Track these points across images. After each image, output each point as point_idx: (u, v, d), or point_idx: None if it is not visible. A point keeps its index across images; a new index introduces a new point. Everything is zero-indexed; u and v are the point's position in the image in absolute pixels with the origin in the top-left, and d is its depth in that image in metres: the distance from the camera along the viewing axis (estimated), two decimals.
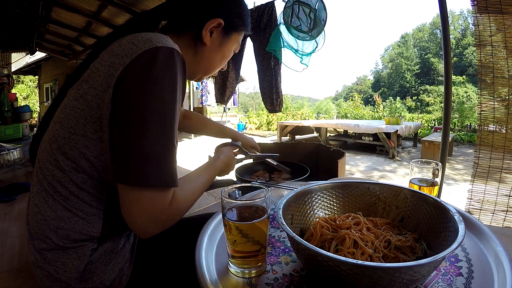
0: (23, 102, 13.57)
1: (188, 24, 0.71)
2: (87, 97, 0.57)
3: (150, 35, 0.59)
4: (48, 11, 4.18)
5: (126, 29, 0.67)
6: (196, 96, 9.41)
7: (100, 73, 0.57)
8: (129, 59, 0.55)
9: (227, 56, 0.78)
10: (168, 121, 0.54)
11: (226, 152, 0.85)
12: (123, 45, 0.58)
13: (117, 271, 0.65)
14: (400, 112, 11.24)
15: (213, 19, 0.70)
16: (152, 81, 0.54)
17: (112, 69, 0.56)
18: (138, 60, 0.55)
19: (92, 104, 0.57)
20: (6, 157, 2.07)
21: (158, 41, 0.57)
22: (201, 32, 0.70)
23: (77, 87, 0.60)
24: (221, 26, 0.72)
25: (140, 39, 0.58)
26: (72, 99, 0.59)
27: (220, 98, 3.15)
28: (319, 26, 2.21)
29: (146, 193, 0.52)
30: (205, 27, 0.70)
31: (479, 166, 1.94)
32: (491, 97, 1.87)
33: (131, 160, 0.52)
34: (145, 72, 0.54)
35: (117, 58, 0.56)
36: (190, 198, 0.62)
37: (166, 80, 0.55)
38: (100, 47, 0.64)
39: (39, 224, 0.60)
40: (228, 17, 0.72)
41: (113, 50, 0.58)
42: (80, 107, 0.58)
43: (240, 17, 0.75)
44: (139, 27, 0.69)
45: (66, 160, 0.58)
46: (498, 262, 0.55)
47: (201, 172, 0.71)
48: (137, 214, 0.52)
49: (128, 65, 0.55)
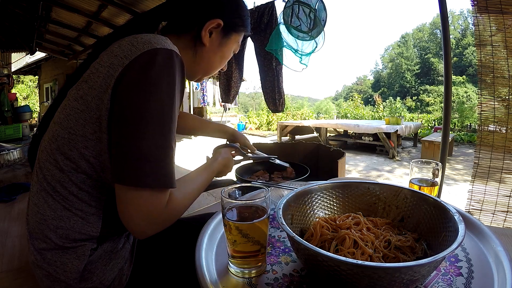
0: (23, 102, 13.57)
1: (188, 24, 0.71)
2: (86, 98, 0.57)
3: (150, 37, 0.59)
4: (48, 11, 4.18)
5: (126, 30, 0.68)
6: (196, 96, 9.42)
7: (100, 73, 0.57)
8: (128, 60, 0.55)
9: (227, 56, 0.78)
10: (166, 122, 0.55)
11: (224, 154, 0.85)
12: (122, 46, 0.58)
13: (117, 271, 0.65)
14: (400, 112, 11.26)
15: (212, 19, 0.70)
16: (150, 82, 0.54)
17: (111, 70, 0.56)
18: (137, 61, 0.55)
19: (92, 105, 0.57)
20: (6, 157, 2.07)
21: (157, 42, 0.57)
22: (200, 33, 0.71)
23: (77, 88, 0.60)
24: (220, 27, 0.72)
25: (140, 40, 0.58)
26: (72, 100, 0.60)
27: (225, 98, 3.15)
28: (319, 26, 2.21)
29: (143, 193, 0.52)
30: (204, 27, 0.70)
31: (479, 166, 1.94)
32: (491, 97, 1.87)
33: (129, 160, 0.52)
34: (143, 73, 0.54)
35: (117, 59, 0.56)
36: (187, 200, 0.62)
37: (165, 82, 0.55)
38: (100, 48, 0.64)
39: (39, 224, 0.60)
40: (228, 18, 0.72)
41: (113, 51, 0.59)
42: (79, 107, 0.58)
43: (239, 18, 0.75)
44: (139, 28, 0.69)
45: (66, 160, 0.58)
46: (498, 262, 0.55)
47: (198, 174, 0.71)
48: (134, 214, 0.52)
49: (127, 66, 0.55)
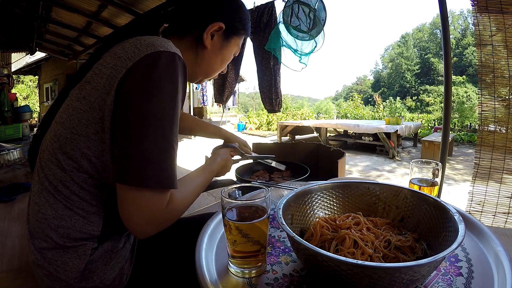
0: (23, 102, 13.57)
1: (190, 27, 0.72)
2: (89, 99, 0.58)
3: (153, 39, 0.60)
4: (48, 11, 4.18)
5: (128, 31, 0.68)
6: (196, 96, 9.43)
7: (103, 75, 0.58)
8: (132, 62, 0.56)
9: (227, 59, 0.80)
10: (168, 124, 0.55)
11: (223, 154, 0.85)
12: (126, 48, 0.59)
13: (118, 270, 0.65)
14: (400, 112, 11.26)
15: (214, 22, 0.71)
16: (153, 84, 0.54)
17: (114, 72, 0.57)
18: (140, 64, 0.56)
19: (95, 106, 0.57)
20: (6, 157, 2.07)
21: (161, 45, 0.58)
22: (202, 35, 0.71)
23: (80, 88, 0.61)
24: (222, 30, 0.73)
25: (143, 43, 0.59)
26: (74, 100, 0.60)
27: (219, 98, 3.15)
28: (318, 26, 2.21)
29: (145, 193, 0.53)
30: (206, 30, 0.71)
31: (480, 167, 1.94)
32: (491, 97, 1.87)
33: (131, 161, 0.52)
34: (146, 75, 0.55)
35: (120, 61, 0.57)
36: (187, 200, 0.63)
37: (167, 84, 0.55)
38: (102, 48, 0.65)
39: (40, 223, 0.60)
40: (229, 21, 0.73)
41: (116, 52, 0.59)
42: (82, 108, 0.58)
43: (240, 21, 0.76)
44: (141, 29, 0.69)
45: (68, 160, 0.59)
46: (498, 262, 0.55)
47: (198, 174, 0.71)
48: (135, 214, 0.53)
49: (130, 68, 0.56)
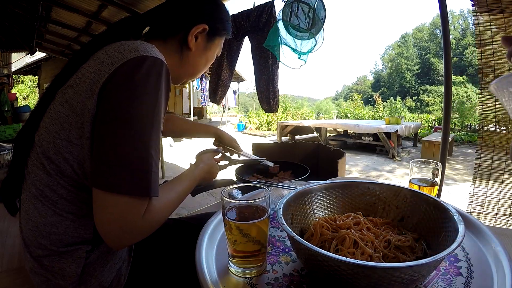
0: (23, 102, 13.55)
1: (174, 30, 0.73)
2: (72, 103, 0.57)
3: (137, 44, 0.59)
4: (48, 11, 4.18)
5: (110, 35, 0.67)
6: (196, 96, 9.41)
7: (86, 79, 0.57)
8: (114, 66, 0.56)
9: (211, 60, 0.80)
10: (148, 129, 0.54)
11: (206, 160, 0.81)
12: (109, 53, 0.58)
13: (115, 271, 0.65)
14: (400, 112, 11.27)
15: (198, 24, 0.72)
16: (135, 89, 0.54)
17: (97, 76, 0.56)
18: (122, 68, 0.55)
19: (77, 110, 0.57)
20: (6, 157, 2.07)
21: (144, 50, 0.58)
22: (187, 38, 0.72)
23: (63, 92, 0.60)
24: (205, 31, 0.73)
25: (127, 47, 0.58)
26: (57, 104, 0.59)
27: (212, 98, 3.13)
28: (317, 25, 2.20)
29: (120, 200, 0.51)
30: (191, 32, 0.72)
31: (481, 167, 1.93)
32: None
33: (107, 165, 0.51)
34: (128, 80, 0.54)
35: (103, 66, 0.57)
36: (166, 210, 0.60)
37: (149, 89, 0.55)
38: (86, 51, 0.63)
39: (32, 232, 0.60)
40: (212, 23, 0.74)
41: (99, 57, 0.59)
42: (65, 112, 0.58)
43: (222, 22, 0.77)
44: (123, 32, 0.69)
45: (52, 164, 0.58)
46: (498, 262, 0.55)
47: (178, 182, 0.69)
48: (108, 221, 0.51)
49: (113, 72, 0.55)
